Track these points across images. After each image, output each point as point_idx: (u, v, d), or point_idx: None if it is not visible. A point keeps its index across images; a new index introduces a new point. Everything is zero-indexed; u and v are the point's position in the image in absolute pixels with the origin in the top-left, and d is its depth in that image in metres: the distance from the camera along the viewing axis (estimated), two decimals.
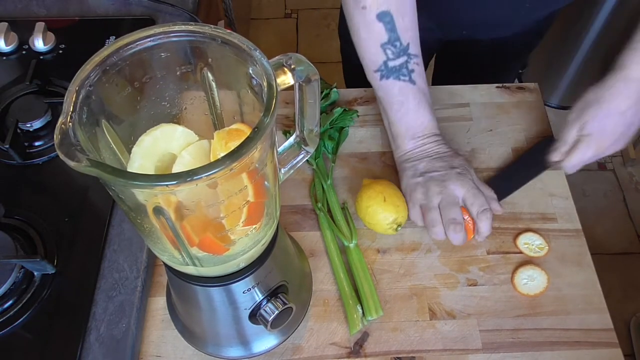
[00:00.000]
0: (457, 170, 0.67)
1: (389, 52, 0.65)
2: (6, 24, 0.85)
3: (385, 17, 0.64)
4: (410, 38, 0.66)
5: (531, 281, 0.68)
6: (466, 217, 0.66)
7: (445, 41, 1.00)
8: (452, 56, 1.07)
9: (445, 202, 0.65)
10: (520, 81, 1.70)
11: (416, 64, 0.67)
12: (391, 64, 0.66)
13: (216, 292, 0.53)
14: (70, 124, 0.36)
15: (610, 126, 0.66)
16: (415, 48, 0.67)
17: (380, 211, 0.67)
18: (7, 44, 0.84)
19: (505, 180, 0.75)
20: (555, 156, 0.71)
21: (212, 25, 0.41)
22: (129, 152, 0.43)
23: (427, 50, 1.04)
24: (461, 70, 1.05)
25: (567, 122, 0.69)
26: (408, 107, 0.68)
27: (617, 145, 0.68)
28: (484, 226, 0.66)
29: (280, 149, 0.53)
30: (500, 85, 0.86)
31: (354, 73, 1.03)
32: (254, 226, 0.46)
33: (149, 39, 0.41)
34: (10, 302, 0.62)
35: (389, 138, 0.74)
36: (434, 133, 0.70)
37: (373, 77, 0.68)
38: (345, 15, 0.68)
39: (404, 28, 0.65)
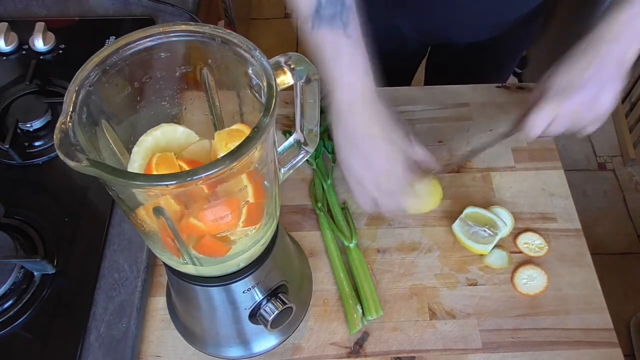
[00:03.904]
0: (379, 177, 0.62)
1: None
2: (6, 24, 0.85)
3: None
4: None
5: (531, 281, 0.68)
6: None
7: (429, 46, 0.99)
8: (439, 61, 1.05)
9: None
10: (520, 81, 1.70)
11: (352, 18, 0.59)
12: (323, 11, 0.58)
13: (216, 292, 0.53)
14: (70, 124, 0.36)
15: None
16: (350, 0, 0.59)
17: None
18: (7, 44, 0.84)
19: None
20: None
21: (212, 25, 0.41)
22: (129, 152, 0.43)
23: (413, 56, 1.00)
24: (452, 74, 1.01)
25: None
26: (341, 63, 0.59)
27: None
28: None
29: (280, 149, 0.53)
30: (500, 85, 0.86)
31: None
32: (253, 227, 0.46)
33: (149, 39, 0.41)
34: (10, 302, 0.62)
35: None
36: (373, 102, 0.60)
37: (304, 28, 0.60)
38: None
39: None
